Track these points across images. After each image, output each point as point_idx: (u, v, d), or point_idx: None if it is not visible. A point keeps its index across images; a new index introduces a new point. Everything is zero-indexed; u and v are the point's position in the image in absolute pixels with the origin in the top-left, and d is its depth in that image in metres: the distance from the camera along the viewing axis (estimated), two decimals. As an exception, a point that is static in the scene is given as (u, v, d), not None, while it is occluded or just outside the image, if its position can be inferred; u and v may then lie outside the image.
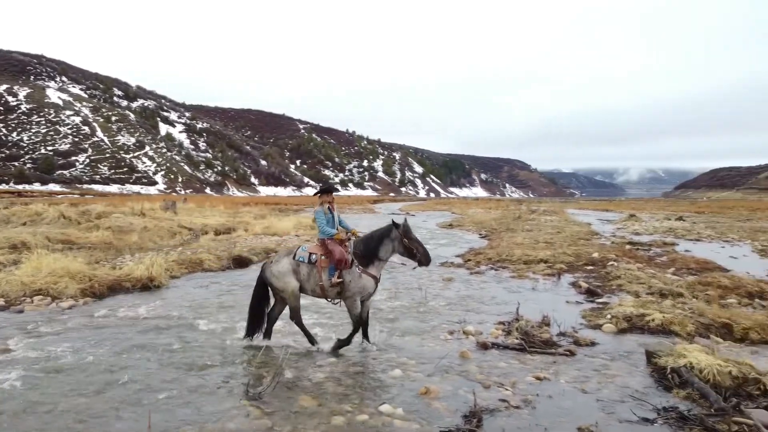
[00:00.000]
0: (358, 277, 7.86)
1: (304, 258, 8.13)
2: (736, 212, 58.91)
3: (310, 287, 8.16)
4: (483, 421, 5.51)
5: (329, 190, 8.46)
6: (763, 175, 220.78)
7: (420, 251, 7.81)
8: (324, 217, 8.18)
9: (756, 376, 6.50)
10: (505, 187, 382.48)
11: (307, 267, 8.09)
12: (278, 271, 8.22)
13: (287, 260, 8.26)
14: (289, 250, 8.61)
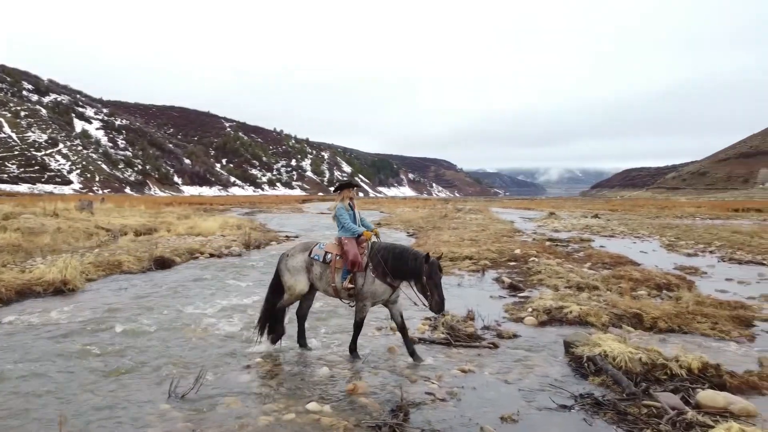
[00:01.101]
0: (371, 282, 7.35)
1: (319, 256, 7.71)
2: (646, 210, 62.65)
3: (322, 287, 7.79)
4: (410, 414, 5.58)
5: (350, 184, 8.05)
6: (670, 175, 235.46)
7: (435, 298, 6.95)
8: (346, 214, 7.73)
9: (663, 362, 6.94)
10: (432, 187, 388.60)
11: (321, 266, 7.69)
12: (293, 266, 7.85)
13: (302, 257, 7.87)
14: (307, 245, 8.14)
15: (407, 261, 7.19)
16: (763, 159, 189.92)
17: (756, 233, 27.79)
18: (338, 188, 8.04)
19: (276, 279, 8.06)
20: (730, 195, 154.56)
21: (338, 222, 7.74)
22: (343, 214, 7.69)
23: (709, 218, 47.12)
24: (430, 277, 6.95)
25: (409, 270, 7.15)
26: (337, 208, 7.78)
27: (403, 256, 7.27)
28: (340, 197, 7.91)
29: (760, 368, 7.24)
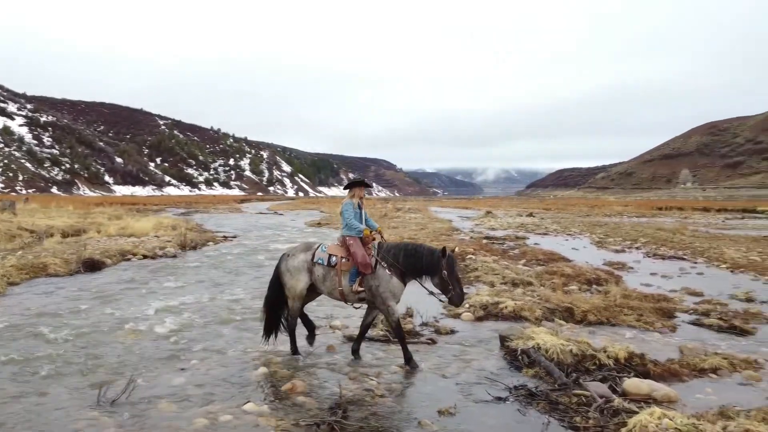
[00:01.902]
0: (387, 280, 7.06)
1: (323, 260, 7.40)
2: (578, 209, 65.08)
3: (326, 289, 7.51)
4: (349, 411, 5.59)
5: (362, 183, 7.75)
6: (599, 175, 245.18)
7: (456, 291, 6.87)
8: (353, 211, 7.44)
9: (592, 353, 7.24)
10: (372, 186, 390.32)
11: (325, 269, 7.40)
12: (293, 266, 7.55)
13: (304, 257, 7.57)
14: (309, 245, 7.84)
15: (422, 257, 7.04)
16: (684, 160, 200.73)
17: (677, 230, 29.39)
18: (349, 186, 7.68)
19: (275, 279, 7.82)
20: (654, 194, 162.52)
21: (343, 218, 7.46)
22: (349, 210, 7.41)
23: (635, 216, 49.44)
24: (451, 272, 6.88)
25: (425, 266, 6.99)
26: (344, 204, 7.52)
27: (418, 252, 7.12)
28: (350, 195, 7.58)
29: (681, 356, 7.67)
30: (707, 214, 54.83)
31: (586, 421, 5.31)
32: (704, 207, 66.85)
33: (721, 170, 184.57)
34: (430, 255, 7.01)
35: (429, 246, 7.29)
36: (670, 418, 4.81)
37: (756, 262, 17.30)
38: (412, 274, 7.11)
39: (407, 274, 7.11)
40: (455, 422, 5.47)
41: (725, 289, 12.99)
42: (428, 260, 6.99)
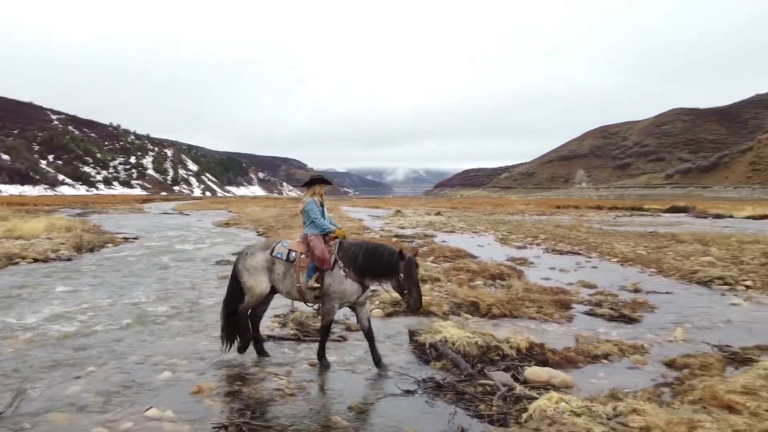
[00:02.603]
0: (340, 281, 6.85)
1: (282, 255, 7.15)
2: (483, 207, 67.52)
3: (285, 288, 7.21)
4: (258, 412, 5.51)
5: (322, 180, 7.55)
6: (503, 175, 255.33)
7: (413, 296, 6.55)
8: (317, 209, 7.24)
9: (496, 344, 7.56)
10: (282, 186, 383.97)
11: (284, 265, 7.13)
12: (252, 265, 7.22)
13: (263, 255, 7.26)
14: (267, 243, 7.57)
15: (381, 257, 6.76)
16: (580, 162, 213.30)
17: (574, 227, 31.20)
18: (309, 183, 7.49)
19: (233, 280, 7.46)
20: (553, 193, 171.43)
21: (307, 217, 7.24)
22: (314, 209, 7.21)
23: (536, 214, 51.93)
24: (409, 275, 6.58)
25: (383, 267, 6.71)
26: (306, 202, 7.30)
27: (378, 252, 6.84)
28: (310, 192, 7.42)
29: (577, 344, 8.15)
30: (600, 212, 58.54)
31: (490, 408, 5.54)
32: (597, 205, 71.37)
33: (613, 171, 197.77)
34: (390, 256, 6.72)
35: (390, 246, 7.00)
36: (566, 401, 5.11)
37: (642, 255, 18.68)
38: (370, 275, 6.86)
39: (365, 275, 6.86)
40: (365, 417, 5.54)
41: (616, 281, 13.95)
42: (386, 261, 6.70)
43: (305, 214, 7.24)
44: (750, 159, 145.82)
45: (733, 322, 9.85)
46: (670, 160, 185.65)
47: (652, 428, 4.59)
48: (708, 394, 5.55)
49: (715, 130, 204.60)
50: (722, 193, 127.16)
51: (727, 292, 12.72)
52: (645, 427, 4.64)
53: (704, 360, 7.27)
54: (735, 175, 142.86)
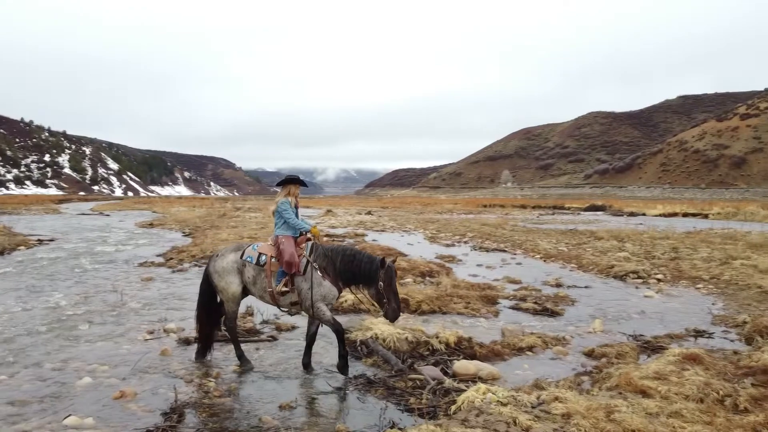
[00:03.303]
0: (318, 283, 6.62)
1: (252, 258, 6.93)
2: (413, 207, 68.39)
3: (257, 292, 6.99)
4: (185, 415, 5.37)
5: (297, 180, 7.23)
6: (432, 175, 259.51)
7: (392, 305, 6.41)
8: (291, 210, 6.96)
9: (426, 339, 7.70)
10: (210, 186, 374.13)
11: (255, 269, 6.90)
12: (222, 267, 7.00)
13: (233, 257, 7.04)
14: (239, 245, 7.31)
15: (361, 264, 6.61)
16: (505, 162, 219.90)
17: (499, 225, 32.15)
18: (283, 183, 7.25)
19: (205, 284, 7.24)
20: (480, 193, 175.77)
21: (280, 218, 6.99)
22: (288, 210, 6.97)
23: (463, 213, 53.10)
24: (389, 284, 6.45)
25: (363, 274, 6.58)
26: (280, 203, 7.03)
27: (356, 259, 6.67)
28: (284, 192, 7.16)
29: (503, 338, 8.42)
30: (524, 211, 60.58)
31: (420, 402, 5.64)
32: (522, 204, 73.84)
33: (536, 171, 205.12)
34: (369, 263, 6.59)
35: (369, 254, 6.82)
36: (493, 392, 5.27)
37: (564, 252, 19.50)
38: (348, 281, 6.76)
39: (342, 281, 6.74)
40: (296, 415, 5.51)
41: (539, 277, 14.49)
42: (366, 268, 6.57)
43: (278, 214, 7.02)
44: (660, 160, 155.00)
45: (646, 313, 10.45)
46: (589, 161, 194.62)
47: (572, 414, 4.82)
48: (623, 381, 5.89)
49: (629, 133, 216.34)
50: (636, 192, 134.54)
51: (640, 285, 13.47)
52: (566, 413, 4.86)
53: (620, 349, 7.69)
54: (647, 176, 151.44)
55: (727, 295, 12.02)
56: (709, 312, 10.49)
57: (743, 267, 14.71)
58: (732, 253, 17.33)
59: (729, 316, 10.02)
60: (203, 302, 7.24)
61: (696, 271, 14.72)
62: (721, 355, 7.30)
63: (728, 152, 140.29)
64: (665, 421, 4.82)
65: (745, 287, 12.49)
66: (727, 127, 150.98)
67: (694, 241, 21.36)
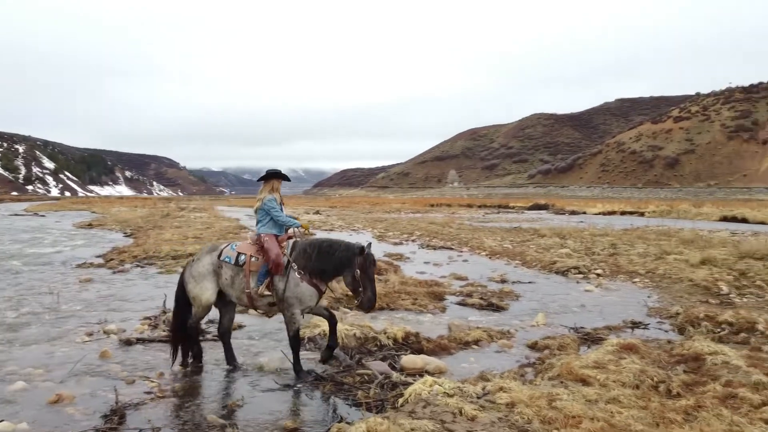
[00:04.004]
0: (295, 284, 6.35)
1: (230, 258, 6.55)
2: (361, 206, 68.47)
3: (235, 294, 6.60)
4: (126, 416, 5.21)
5: (280, 175, 6.92)
6: (380, 175, 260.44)
7: (368, 294, 6.16)
8: (279, 207, 6.69)
9: (374, 335, 7.75)
10: (152, 186, 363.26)
11: (233, 270, 6.53)
12: (198, 272, 6.61)
13: (209, 259, 6.64)
14: (215, 245, 6.90)
15: (335, 252, 6.34)
16: (452, 162, 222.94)
17: (446, 224, 32.60)
18: (266, 178, 6.91)
19: (180, 290, 6.82)
20: (427, 192, 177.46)
21: (265, 216, 6.68)
22: (276, 207, 6.66)
23: (411, 212, 53.52)
24: (365, 271, 6.18)
25: (336, 262, 6.30)
26: (267, 200, 6.68)
27: (332, 248, 6.39)
28: (268, 187, 6.82)
29: (449, 333, 8.55)
30: (471, 210, 61.56)
31: (368, 396, 5.66)
32: (468, 203, 75.07)
33: (482, 171, 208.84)
34: (345, 250, 6.34)
35: (348, 242, 6.57)
36: (439, 384, 5.35)
37: (508, 249, 19.94)
38: (324, 274, 6.44)
39: (319, 276, 6.42)
40: (243, 413, 5.43)
41: (485, 273, 14.78)
42: (341, 255, 6.31)
43: (263, 212, 6.70)
44: (600, 161, 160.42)
45: (587, 307, 10.82)
46: (533, 162, 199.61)
47: (516, 403, 4.95)
48: (565, 370, 6.08)
49: (570, 134, 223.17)
50: (577, 191, 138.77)
51: (581, 280, 13.93)
52: (510, 402, 4.99)
53: (562, 341, 7.94)
54: (588, 176, 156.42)
55: (661, 289, 12.56)
56: (644, 304, 10.93)
57: (676, 262, 15.42)
58: (666, 248, 18.12)
59: (663, 308, 10.49)
60: (180, 311, 6.81)
61: (633, 266, 15.32)
62: (655, 344, 7.65)
63: (662, 153, 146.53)
64: (604, 407, 5.02)
65: (678, 280, 13.09)
66: (662, 129, 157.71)
67: (631, 238, 22.22)
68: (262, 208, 6.70)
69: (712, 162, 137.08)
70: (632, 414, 4.88)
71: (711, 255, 15.71)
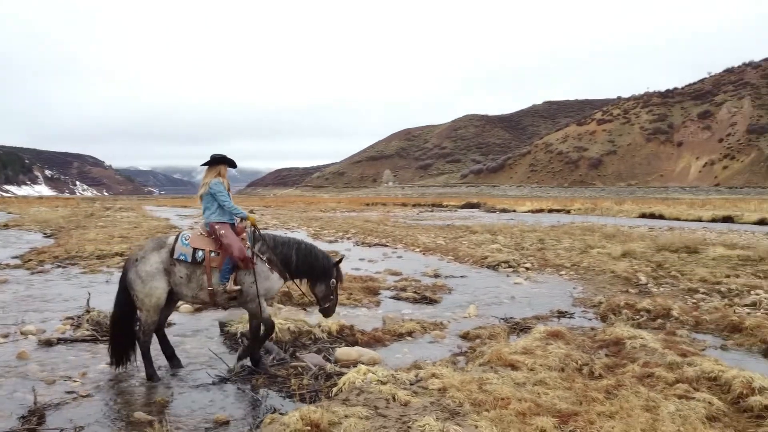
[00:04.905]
0: (265, 277, 6.17)
1: (186, 256, 5.98)
2: (296, 205, 67.95)
3: (190, 293, 6.11)
4: (46, 417, 4.97)
5: (225, 160, 6.41)
6: (315, 174, 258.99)
7: (334, 302, 6.69)
8: (226, 193, 6.22)
9: (308, 329, 7.73)
10: (76, 185, 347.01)
11: (188, 267, 6.02)
12: (146, 272, 5.97)
13: (158, 257, 6.03)
14: (159, 241, 6.24)
15: (317, 260, 6.48)
16: (386, 162, 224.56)
17: (381, 222, 32.82)
18: (211, 163, 6.40)
19: (122, 294, 6.21)
20: (362, 192, 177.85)
21: (212, 202, 6.22)
22: (224, 192, 6.19)
23: (347, 211, 53.51)
24: (340, 281, 6.70)
25: (320, 270, 6.48)
26: (213, 183, 6.20)
27: (313, 253, 6.50)
28: (214, 172, 6.34)
29: (384, 325, 8.63)
30: (405, 209, 62.18)
31: (302, 388, 5.64)
32: (403, 202, 75.81)
33: (416, 171, 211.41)
34: (325, 259, 6.53)
35: (319, 248, 6.72)
36: (373, 372, 5.40)
37: (442, 245, 20.29)
38: (302, 275, 6.55)
39: (297, 276, 6.54)
40: (172, 408, 5.29)
41: (419, 269, 14.97)
42: (323, 264, 6.48)
43: (209, 197, 6.24)
44: (529, 161, 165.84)
45: (516, 298, 11.16)
46: (465, 162, 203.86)
47: (448, 388, 5.06)
48: (495, 357, 6.27)
49: (501, 135, 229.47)
50: (508, 191, 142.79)
51: (511, 273, 14.34)
52: (442, 387, 5.10)
53: (492, 331, 8.17)
54: (517, 176, 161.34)
55: (585, 280, 13.12)
56: (570, 295, 11.40)
57: (599, 255, 16.16)
58: (590, 243, 18.95)
59: (587, 298, 10.96)
60: (121, 316, 6.23)
61: (559, 259, 15.92)
62: (580, 331, 8.01)
63: (587, 154, 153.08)
64: (531, 389, 5.21)
65: (601, 272, 13.71)
66: (586, 131, 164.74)
67: (558, 234, 23.10)
68: (209, 193, 6.26)
69: (632, 163, 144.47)
70: (558, 394, 5.09)
71: (631, 248, 16.58)
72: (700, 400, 4.95)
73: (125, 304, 6.20)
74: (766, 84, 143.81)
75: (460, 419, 4.43)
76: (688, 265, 14.19)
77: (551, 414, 4.55)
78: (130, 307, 6.21)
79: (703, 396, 5.07)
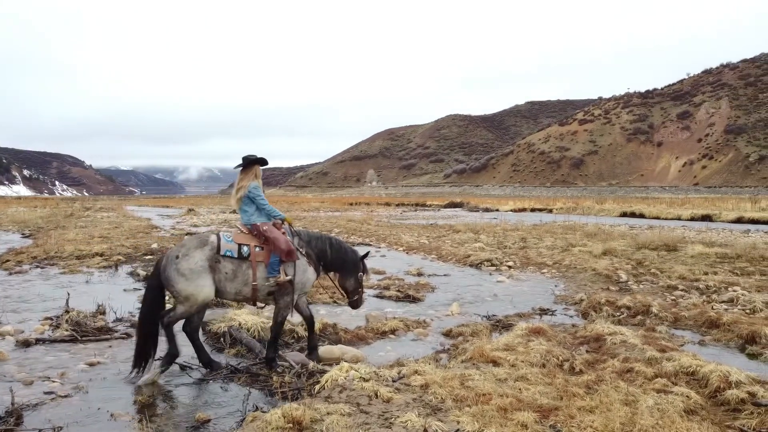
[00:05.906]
0: (303, 270, 6.39)
1: (232, 252, 6.05)
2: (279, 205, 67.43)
3: (233, 289, 6.11)
4: (24, 417, 4.90)
5: (258, 161, 6.53)
6: (299, 174, 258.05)
7: (362, 295, 7.15)
8: (263, 194, 6.38)
9: (291, 327, 7.71)
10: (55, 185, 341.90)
11: (234, 263, 6.06)
12: (190, 268, 5.86)
13: (202, 254, 5.97)
14: (201, 238, 6.16)
15: (347, 253, 6.81)
16: (370, 162, 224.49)
17: (365, 221, 32.84)
18: (247, 165, 6.46)
19: (155, 292, 6.12)
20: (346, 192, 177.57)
21: (250, 204, 6.33)
22: (262, 195, 6.35)
23: (330, 211, 53.42)
24: (366, 274, 7.01)
25: (350, 264, 6.81)
26: (252, 186, 6.32)
27: (343, 248, 6.82)
28: (251, 175, 6.42)
29: (367, 323, 8.64)
30: (389, 208, 62.19)
31: (285, 385, 5.62)
32: (386, 202, 75.82)
33: (399, 171, 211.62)
34: (354, 253, 6.87)
35: (347, 243, 7.07)
36: (356, 370, 5.41)
37: (425, 244, 20.35)
38: (335, 269, 6.87)
39: (327, 267, 6.80)
40: (154, 407, 5.26)
41: (402, 267, 15.00)
42: (353, 258, 6.82)
43: (249, 200, 6.35)
44: (511, 161, 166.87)
45: (499, 296, 11.23)
46: (448, 161, 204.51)
47: (430, 384, 5.08)
48: (477, 353, 6.31)
49: (484, 135, 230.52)
50: (491, 190, 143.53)
51: (493, 272, 14.43)
52: (425, 384, 5.12)
53: (475, 328, 8.22)
54: (500, 175, 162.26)
55: (567, 278, 13.24)
56: (552, 293, 11.50)
57: (581, 253, 16.32)
58: (571, 241, 19.14)
59: (569, 296, 11.06)
60: (148, 315, 6.10)
61: (541, 258, 16.05)
62: (561, 328, 8.09)
63: (569, 154, 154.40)
64: (513, 385, 5.26)
65: (582, 270, 13.85)
66: (568, 131, 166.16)
67: (540, 232, 23.28)
68: (247, 196, 6.37)
69: (613, 162, 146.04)
70: (539, 390, 5.14)
71: (612, 247, 16.77)
72: (679, 394, 5.03)
73: (153, 302, 6.17)
74: (743, 85, 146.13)
75: (442, 415, 4.45)
76: (668, 262, 14.39)
77: (532, 409, 4.60)
78: (158, 307, 6.20)
79: (682, 390, 5.16)
